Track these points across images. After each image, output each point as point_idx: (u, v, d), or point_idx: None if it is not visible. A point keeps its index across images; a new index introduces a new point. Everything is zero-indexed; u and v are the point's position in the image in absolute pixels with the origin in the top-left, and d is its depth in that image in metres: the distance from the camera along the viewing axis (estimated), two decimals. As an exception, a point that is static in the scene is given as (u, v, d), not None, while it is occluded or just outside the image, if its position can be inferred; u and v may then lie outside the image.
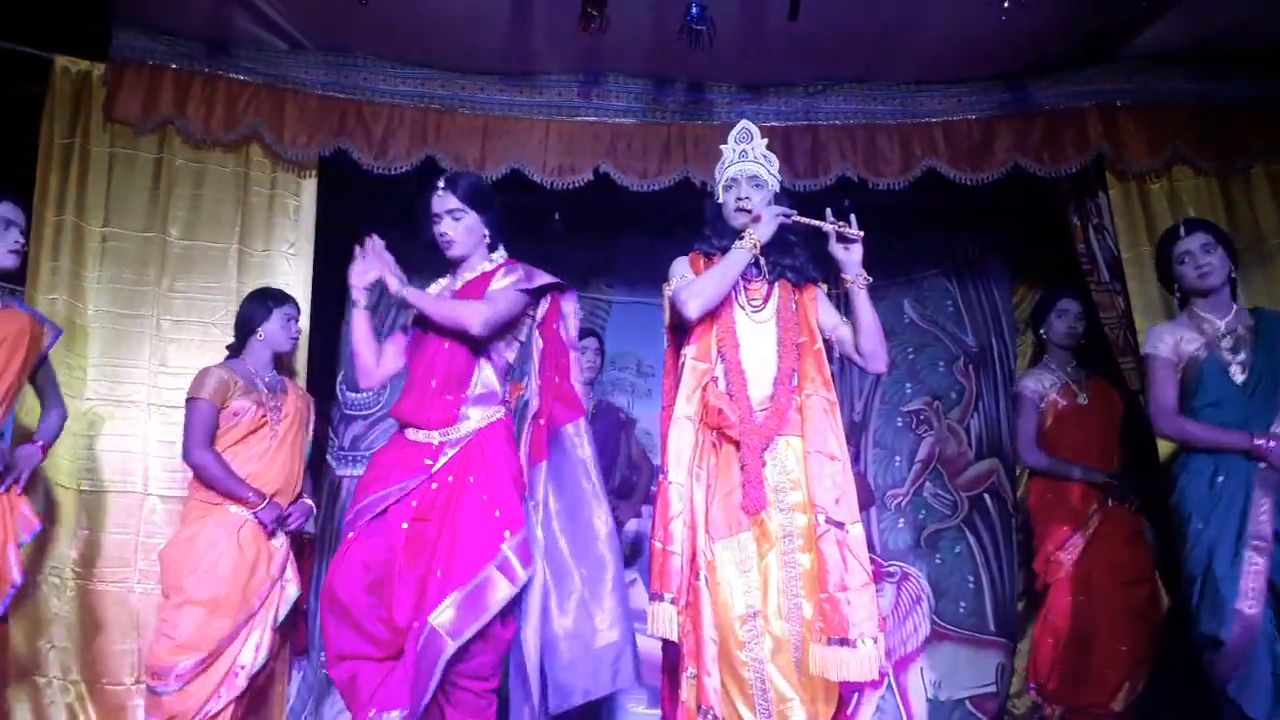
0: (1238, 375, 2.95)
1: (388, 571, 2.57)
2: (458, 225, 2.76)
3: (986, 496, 4.68)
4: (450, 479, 2.63)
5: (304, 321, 3.65)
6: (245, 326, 3.34)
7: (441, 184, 2.76)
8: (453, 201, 2.75)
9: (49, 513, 3.27)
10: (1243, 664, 2.75)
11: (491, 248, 2.86)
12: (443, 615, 2.45)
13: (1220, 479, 2.87)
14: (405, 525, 2.59)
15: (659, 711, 2.71)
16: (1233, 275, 3.07)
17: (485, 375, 2.75)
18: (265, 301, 3.35)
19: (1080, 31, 3.65)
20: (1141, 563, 3.60)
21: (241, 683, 3.10)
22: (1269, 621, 2.75)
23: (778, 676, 2.31)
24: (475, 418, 2.70)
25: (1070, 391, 3.82)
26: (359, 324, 2.80)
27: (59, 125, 3.60)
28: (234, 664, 3.08)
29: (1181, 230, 3.10)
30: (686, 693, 2.30)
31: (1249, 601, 2.74)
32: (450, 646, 2.42)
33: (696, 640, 2.33)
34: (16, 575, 2.76)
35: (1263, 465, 2.83)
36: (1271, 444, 2.81)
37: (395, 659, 2.54)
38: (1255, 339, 2.97)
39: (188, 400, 3.19)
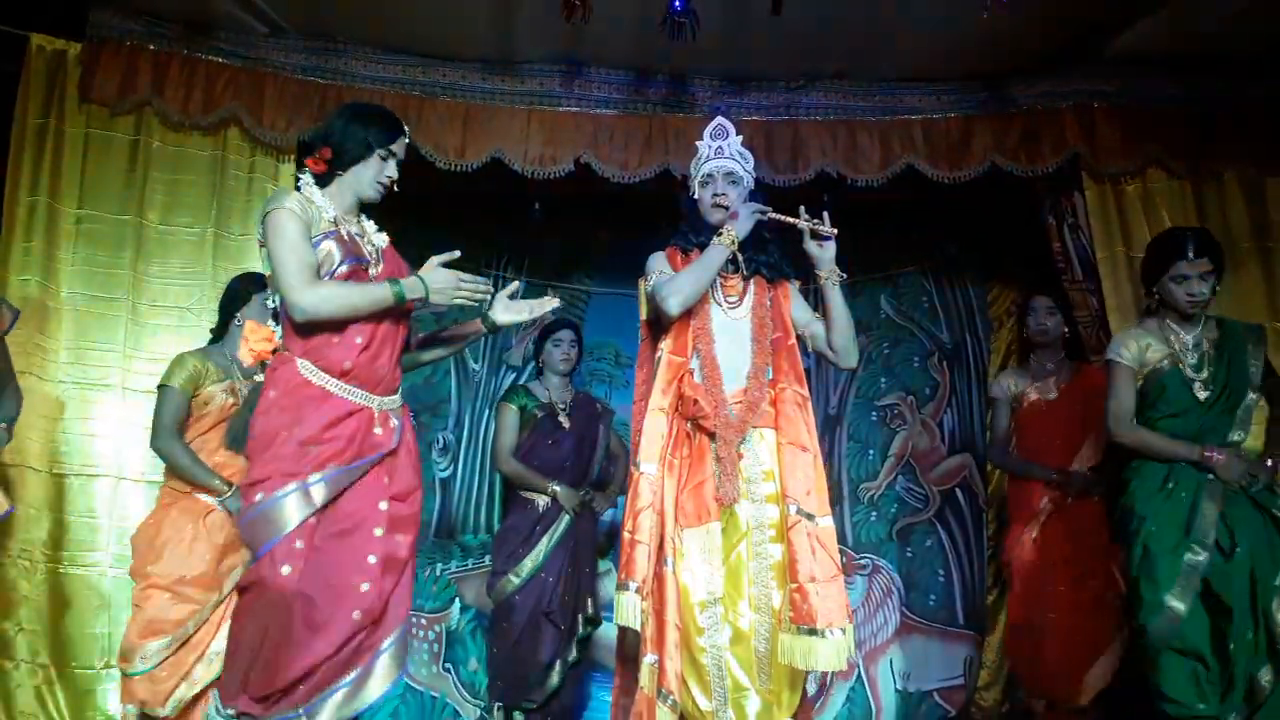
0: (1200, 391, 3.00)
1: (361, 559, 2.36)
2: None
3: (958, 491, 4.74)
4: (403, 456, 2.51)
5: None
6: (226, 311, 3.32)
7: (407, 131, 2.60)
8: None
9: (17, 495, 3.24)
10: (1164, 658, 2.87)
11: None
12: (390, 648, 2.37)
13: (1171, 484, 2.97)
14: (384, 505, 2.41)
15: None
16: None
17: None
18: (246, 286, 3.33)
19: (1060, 33, 3.69)
20: (1094, 556, 3.60)
21: (217, 667, 3.08)
22: (1201, 622, 2.84)
23: (735, 665, 2.35)
24: (400, 392, 2.56)
25: (1040, 388, 3.87)
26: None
27: (33, 105, 3.56)
28: (207, 651, 3.09)
29: (1190, 250, 2.98)
30: (645, 678, 2.33)
31: (1177, 597, 2.85)
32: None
33: (659, 626, 2.36)
34: None
35: (1211, 477, 2.92)
36: (1220, 456, 2.90)
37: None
38: (1218, 353, 3.03)
39: (159, 387, 3.19)
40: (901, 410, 4.84)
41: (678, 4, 3.11)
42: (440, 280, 2.46)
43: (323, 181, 2.48)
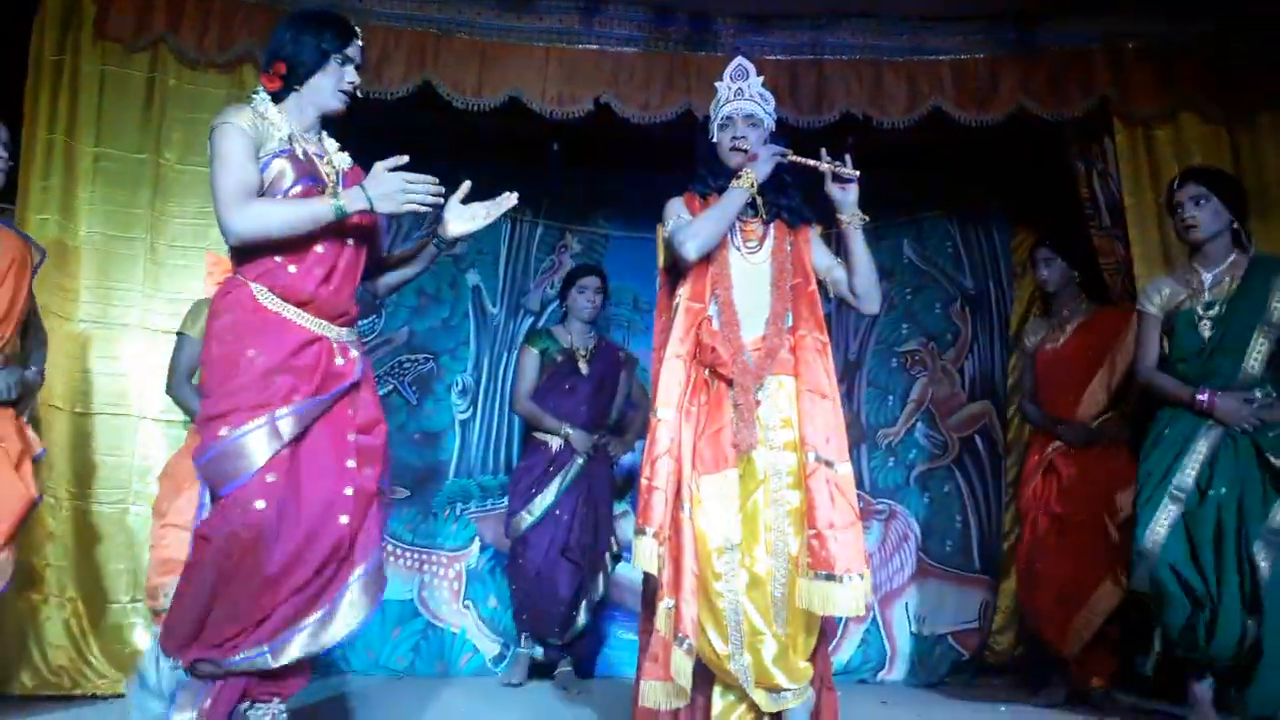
0: (1205, 330, 3.02)
1: (336, 492, 2.25)
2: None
3: (977, 438, 4.73)
4: (365, 387, 2.41)
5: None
6: None
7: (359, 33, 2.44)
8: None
9: (42, 435, 3.28)
10: (1152, 600, 2.97)
11: None
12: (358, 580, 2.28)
13: (1166, 430, 3.03)
14: (352, 437, 2.31)
15: None
16: (1234, 226, 3.05)
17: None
18: None
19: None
20: (1084, 507, 3.61)
21: None
22: (1181, 564, 2.90)
23: (752, 610, 2.35)
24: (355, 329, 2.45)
25: (1053, 337, 3.85)
26: None
27: (49, 41, 3.52)
28: None
29: (1176, 181, 3.12)
30: (662, 622, 2.35)
31: (1153, 543, 2.93)
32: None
33: (675, 571, 2.36)
34: (34, 490, 2.79)
35: (1211, 420, 2.95)
36: (1215, 399, 2.90)
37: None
38: (1237, 290, 3.00)
39: (176, 334, 3.21)
40: (922, 356, 4.81)
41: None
42: (384, 185, 2.26)
43: (278, 98, 2.34)
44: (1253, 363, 2.97)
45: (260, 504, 2.14)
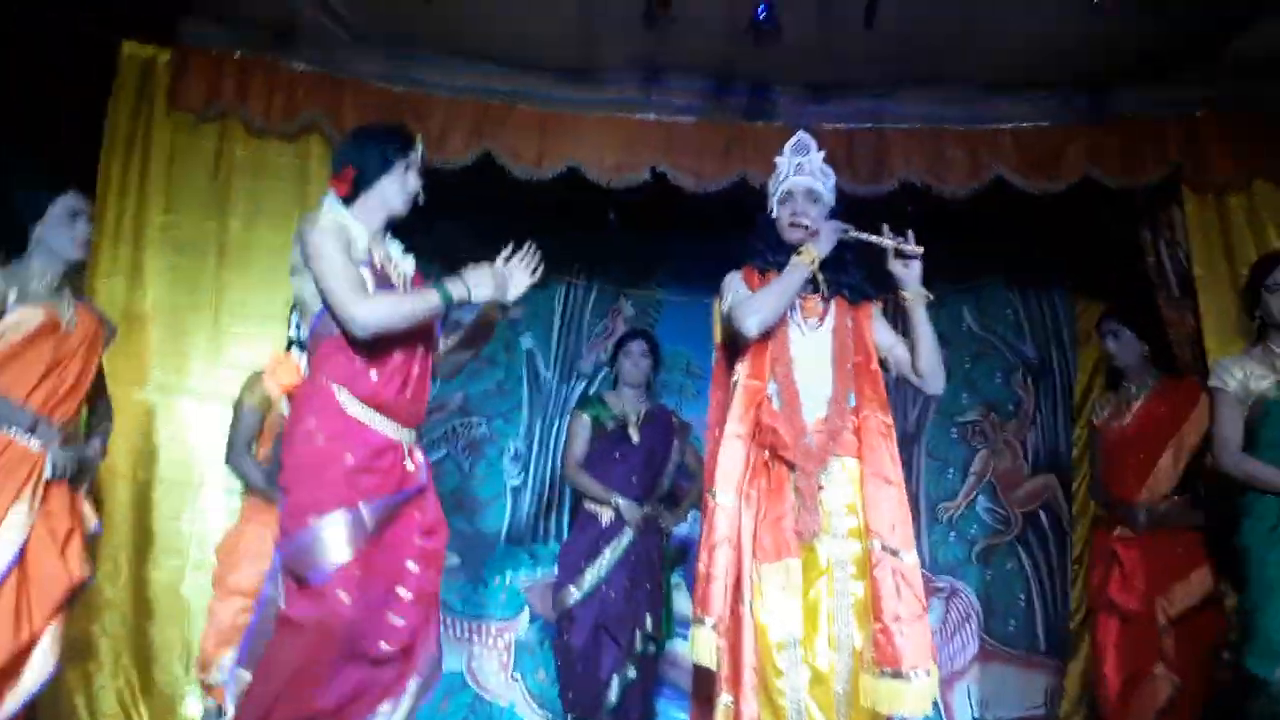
0: None
1: (393, 593, 2.33)
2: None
3: (1041, 512, 4.58)
4: (430, 490, 2.49)
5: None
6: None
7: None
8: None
9: (103, 501, 3.31)
10: None
11: None
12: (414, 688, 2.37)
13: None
14: (419, 541, 2.40)
15: None
16: None
17: None
18: None
19: (1167, 38, 3.49)
20: (1144, 593, 3.40)
21: None
22: None
23: (815, 709, 2.26)
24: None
25: (1118, 414, 3.69)
26: None
27: (123, 112, 3.63)
28: None
29: (1269, 261, 3.02)
30: None
31: None
32: None
33: (735, 666, 2.28)
34: (82, 571, 2.76)
35: None
36: None
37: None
38: None
39: (234, 404, 3.23)
40: (983, 427, 4.69)
41: (763, 9, 3.04)
42: (478, 275, 2.41)
43: (348, 202, 2.42)
44: None
45: (346, 597, 2.19)
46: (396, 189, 2.44)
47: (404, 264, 2.51)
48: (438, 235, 2.73)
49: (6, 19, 3.14)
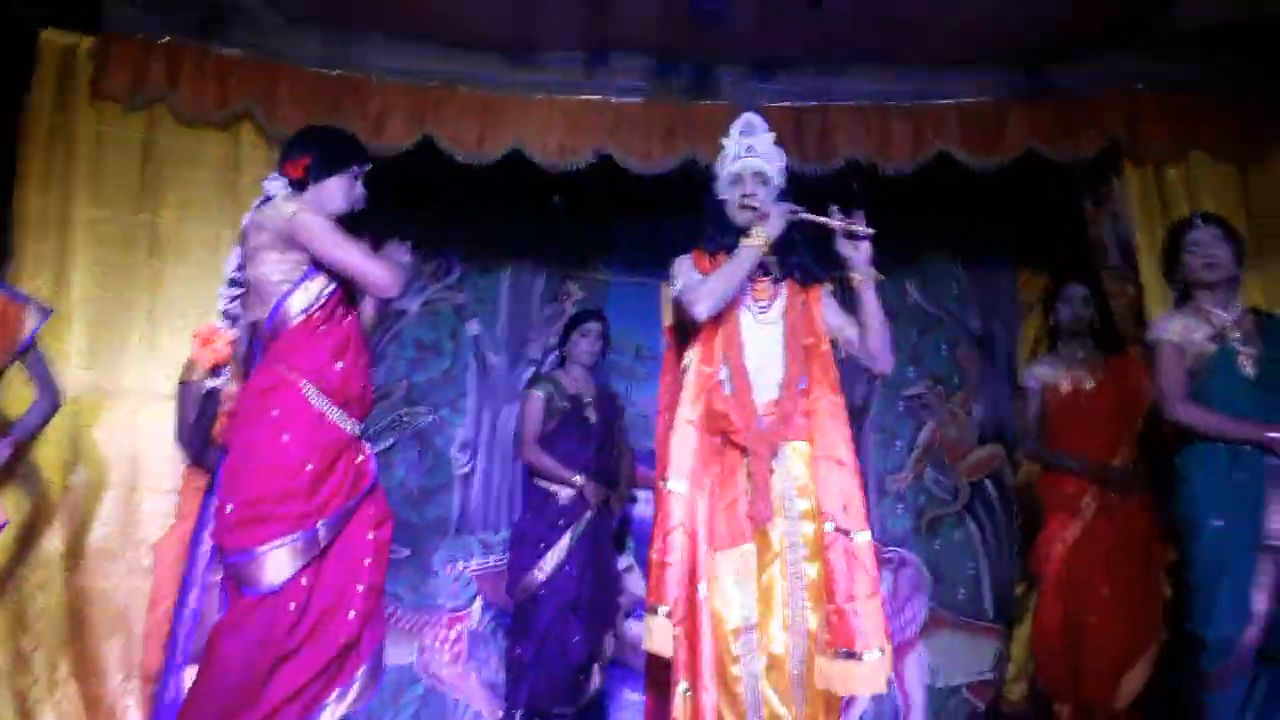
0: (1248, 369, 2.91)
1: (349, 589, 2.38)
2: None
3: (988, 482, 4.65)
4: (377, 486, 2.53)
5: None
6: None
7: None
8: None
9: (37, 506, 3.19)
10: (1239, 670, 2.75)
11: None
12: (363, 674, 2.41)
13: (1235, 475, 2.83)
14: (371, 535, 2.42)
15: None
16: (1237, 276, 3.01)
17: None
18: None
19: (1103, 13, 3.54)
20: (1139, 558, 3.51)
21: None
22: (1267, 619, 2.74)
23: (771, 694, 2.27)
24: None
25: (1074, 379, 3.75)
26: None
27: (44, 102, 3.48)
28: None
29: (1197, 220, 3.08)
30: (680, 708, 2.26)
31: (1260, 603, 2.72)
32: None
33: (691, 654, 2.28)
34: None
35: (1275, 461, 2.79)
36: None
37: None
38: (1260, 335, 2.94)
39: (179, 384, 3.13)
40: (929, 400, 4.75)
41: (710, -2, 3.01)
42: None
43: (297, 189, 2.45)
44: None
45: (292, 606, 2.24)
46: (342, 192, 2.48)
47: None
48: (379, 221, 2.67)
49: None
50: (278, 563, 2.23)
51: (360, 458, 2.43)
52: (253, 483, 2.27)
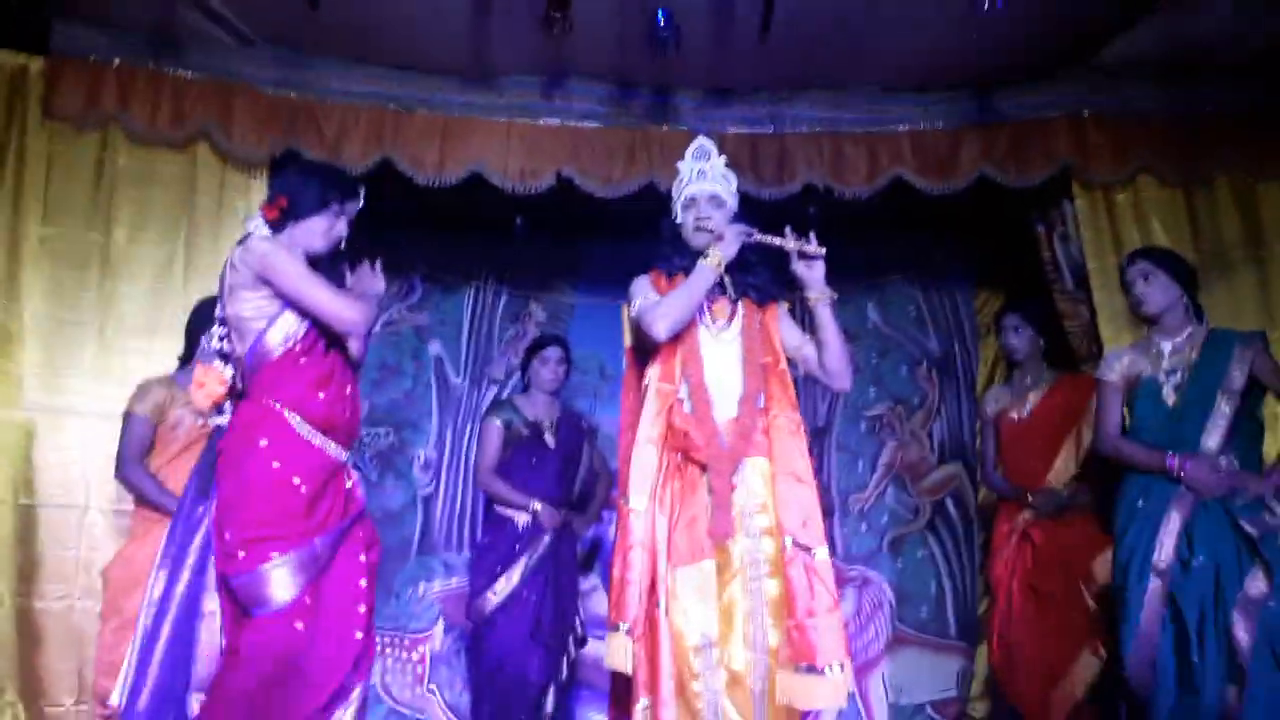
0: (1168, 398, 3.05)
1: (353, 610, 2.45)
2: None
3: (949, 501, 4.70)
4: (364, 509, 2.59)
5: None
6: (192, 335, 3.24)
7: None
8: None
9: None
10: (1146, 686, 2.90)
11: None
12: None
13: (1141, 502, 3.00)
14: (363, 557, 2.48)
15: None
16: (1185, 300, 3.11)
17: None
18: (209, 308, 3.24)
19: (1049, 42, 3.62)
20: (1059, 577, 3.55)
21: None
22: (1171, 644, 2.85)
23: (731, 710, 2.27)
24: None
25: (1017, 406, 3.81)
26: None
27: (-5, 120, 3.43)
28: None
29: (1126, 259, 3.23)
30: None
31: (1148, 624, 2.88)
32: None
33: (652, 671, 2.28)
34: None
35: (1182, 487, 2.93)
36: (1186, 465, 2.91)
37: None
38: (1198, 359, 3.04)
39: (124, 414, 3.11)
40: (890, 420, 4.79)
41: (661, 19, 3.05)
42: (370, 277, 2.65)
43: (276, 229, 2.48)
44: (1215, 431, 2.96)
45: (300, 625, 2.29)
46: (321, 231, 2.52)
47: None
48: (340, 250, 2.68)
49: None
50: (282, 579, 2.28)
51: (350, 483, 2.50)
52: (250, 508, 2.32)
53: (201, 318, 3.23)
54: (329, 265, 2.58)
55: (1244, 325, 3.50)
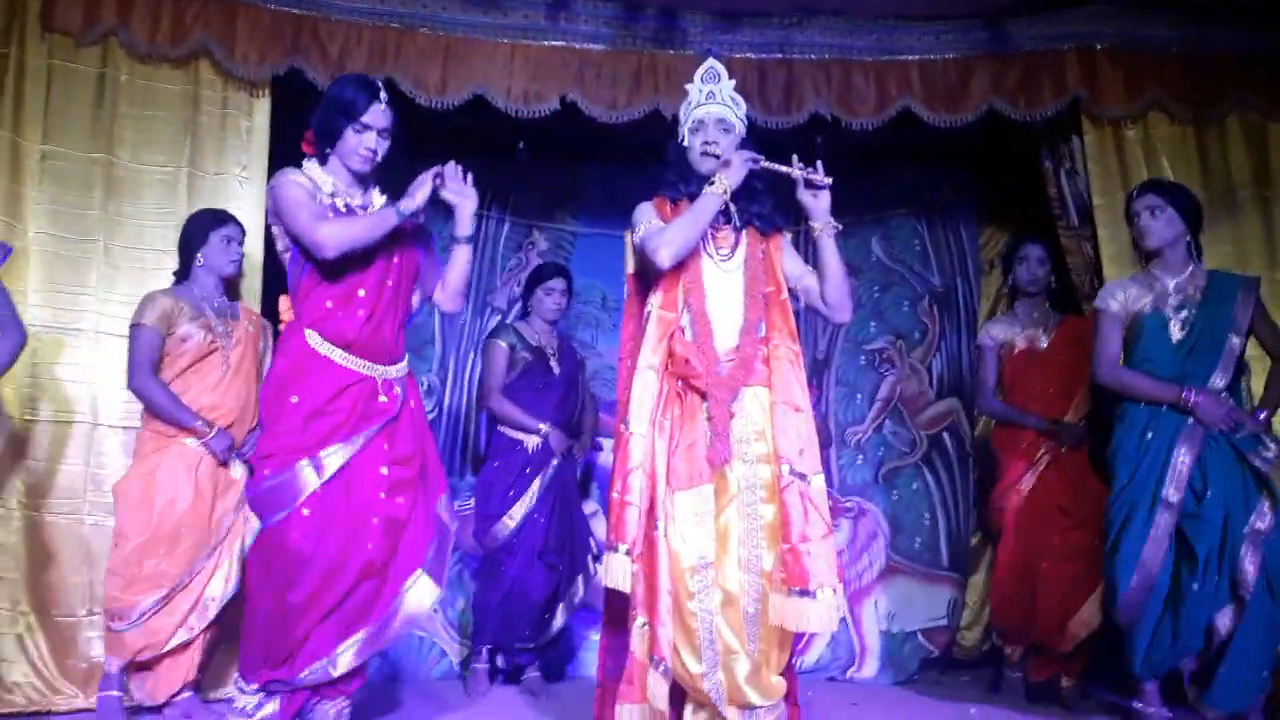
0: (1176, 333, 3.09)
1: (365, 522, 2.55)
2: (384, 146, 2.72)
3: (945, 435, 4.73)
4: (405, 421, 2.67)
5: (256, 246, 3.53)
6: (186, 251, 3.28)
7: (385, 97, 2.66)
8: (389, 121, 2.69)
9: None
10: (1136, 615, 2.98)
11: None
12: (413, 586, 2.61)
13: (1150, 435, 3.04)
14: (385, 470, 2.57)
15: None
16: (1188, 238, 3.11)
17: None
18: (203, 224, 3.26)
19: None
20: (1086, 505, 3.62)
21: (213, 613, 3.11)
22: (1168, 573, 2.93)
23: (725, 629, 2.32)
24: (405, 360, 2.76)
25: (1030, 337, 3.84)
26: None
27: (-7, 32, 3.38)
28: (202, 596, 3.09)
29: (1134, 190, 3.21)
30: (637, 643, 2.31)
31: (1151, 556, 2.94)
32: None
33: (650, 590, 2.33)
34: None
35: (1191, 420, 2.97)
36: (1199, 399, 2.92)
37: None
38: (1203, 298, 3.07)
39: (131, 326, 3.13)
40: (890, 354, 4.80)
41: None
42: (415, 184, 2.65)
43: (322, 161, 2.66)
44: (1224, 370, 3.00)
45: (296, 535, 2.46)
46: (352, 150, 2.64)
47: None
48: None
49: None
50: (280, 491, 2.47)
51: (382, 396, 2.59)
52: (265, 421, 2.61)
53: (193, 232, 3.25)
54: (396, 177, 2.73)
55: (1249, 266, 3.54)
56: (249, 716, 2.52)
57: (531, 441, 3.84)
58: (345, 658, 2.52)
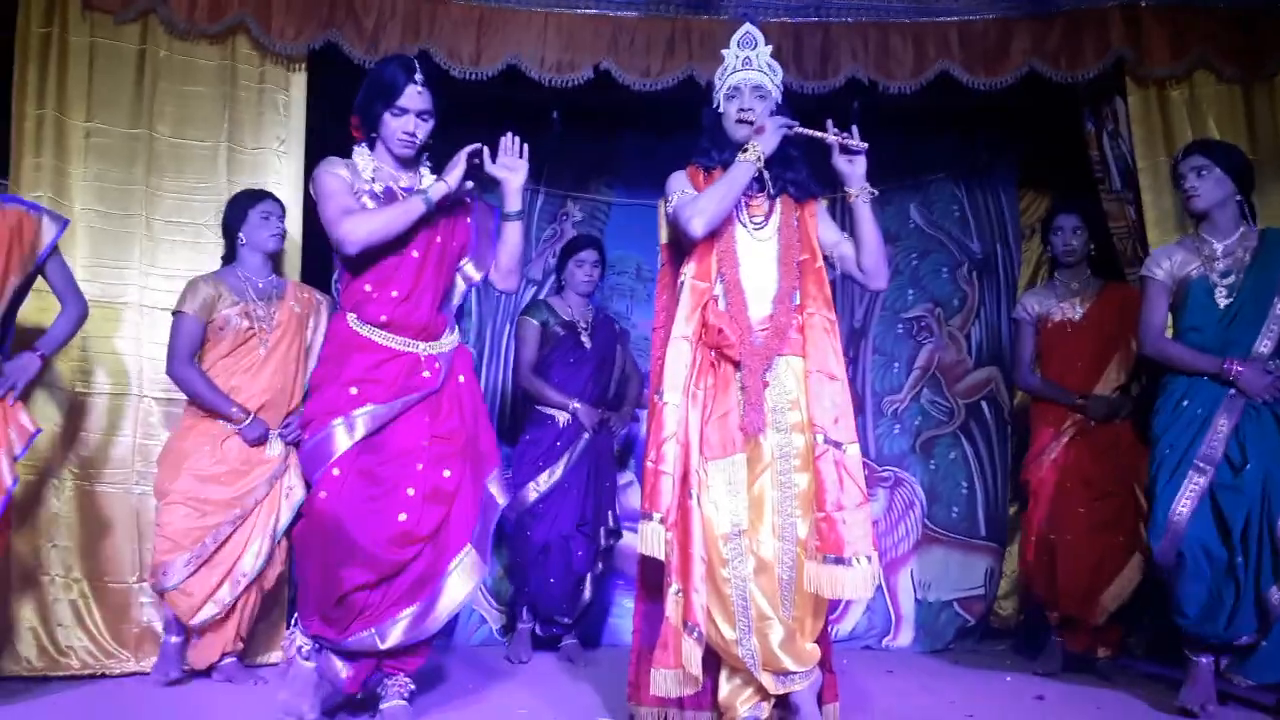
0: (1221, 299, 3.02)
1: (397, 491, 2.57)
2: (426, 127, 2.71)
3: (984, 404, 4.68)
4: (448, 395, 2.69)
5: (296, 221, 3.57)
6: (229, 232, 3.34)
7: (421, 79, 2.65)
8: (428, 102, 2.68)
9: (44, 415, 3.25)
10: (1173, 578, 2.95)
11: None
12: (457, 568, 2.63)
13: (1186, 402, 3.00)
14: (426, 442, 2.61)
15: None
16: (1238, 198, 3.02)
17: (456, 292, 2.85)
18: (240, 203, 3.32)
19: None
20: (1114, 478, 3.60)
21: (243, 587, 3.18)
22: (1209, 539, 2.89)
23: (759, 595, 2.34)
24: (453, 338, 2.77)
25: (1065, 309, 3.78)
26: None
27: (35, 12, 3.42)
28: (234, 569, 3.16)
29: (1180, 152, 3.14)
30: (671, 609, 2.33)
31: (1179, 516, 2.91)
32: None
33: (684, 558, 2.34)
34: (9, 480, 2.75)
35: (1232, 391, 2.92)
36: (1242, 369, 2.87)
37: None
38: (1251, 261, 2.99)
39: (173, 314, 3.20)
40: (928, 322, 4.75)
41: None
42: (449, 166, 2.66)
43: (370, 146, 2.70)
44: (1269, 335, 2.93)
45: (322, 494, 2.51)
46: (390, 135, 2.66)
47: (433, 189, 2.66)
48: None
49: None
50: (316, 452, 2.55)
51: (425, 371, 2.61)
52: (311, 394, 2.69)
53: (233, 213, 3.30)
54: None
55: (1299, 229, 3.43)
56: (304, 658, 2.61)
57: (562, 417, 3.90)
58: (394, 632, 2.53)
